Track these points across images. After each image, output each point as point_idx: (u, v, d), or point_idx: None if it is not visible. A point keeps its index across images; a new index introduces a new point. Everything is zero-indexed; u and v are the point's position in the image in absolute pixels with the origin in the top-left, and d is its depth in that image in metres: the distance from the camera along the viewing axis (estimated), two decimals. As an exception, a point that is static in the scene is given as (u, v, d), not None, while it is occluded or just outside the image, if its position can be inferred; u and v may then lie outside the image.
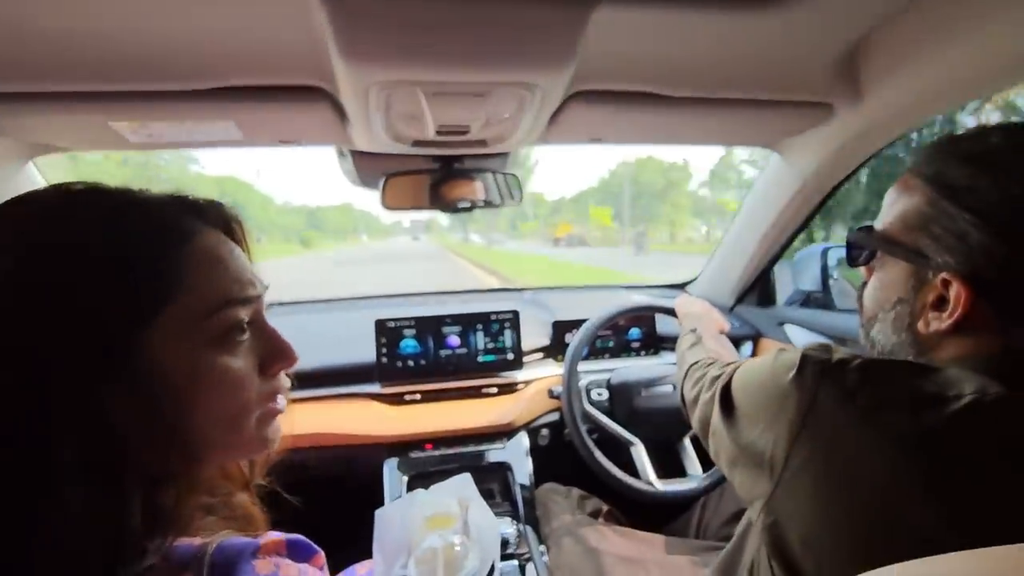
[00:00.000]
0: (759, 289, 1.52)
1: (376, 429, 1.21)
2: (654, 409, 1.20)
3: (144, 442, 0.37)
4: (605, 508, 1.16)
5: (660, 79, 0.82)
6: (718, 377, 0.68)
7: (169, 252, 0.40)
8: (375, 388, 1.31)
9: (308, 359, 1.33)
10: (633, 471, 1.14)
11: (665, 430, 1.18)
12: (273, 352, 0.47)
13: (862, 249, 0.61)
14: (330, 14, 0.55)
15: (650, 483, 1.12)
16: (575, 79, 0.74)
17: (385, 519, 0.90)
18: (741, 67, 0.80)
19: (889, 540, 0.43)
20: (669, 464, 1.19)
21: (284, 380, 0.49)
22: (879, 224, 0.58)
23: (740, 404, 0.59)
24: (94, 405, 0.35)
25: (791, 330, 1.36)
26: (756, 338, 1.46)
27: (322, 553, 0.44)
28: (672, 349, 1.16)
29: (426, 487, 0.98)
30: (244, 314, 0.43)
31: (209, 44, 0.65)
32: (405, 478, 1.16)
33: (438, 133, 0.86)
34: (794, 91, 0.87)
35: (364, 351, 1.32)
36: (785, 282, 1.49)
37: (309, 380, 1.32)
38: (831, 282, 1.20)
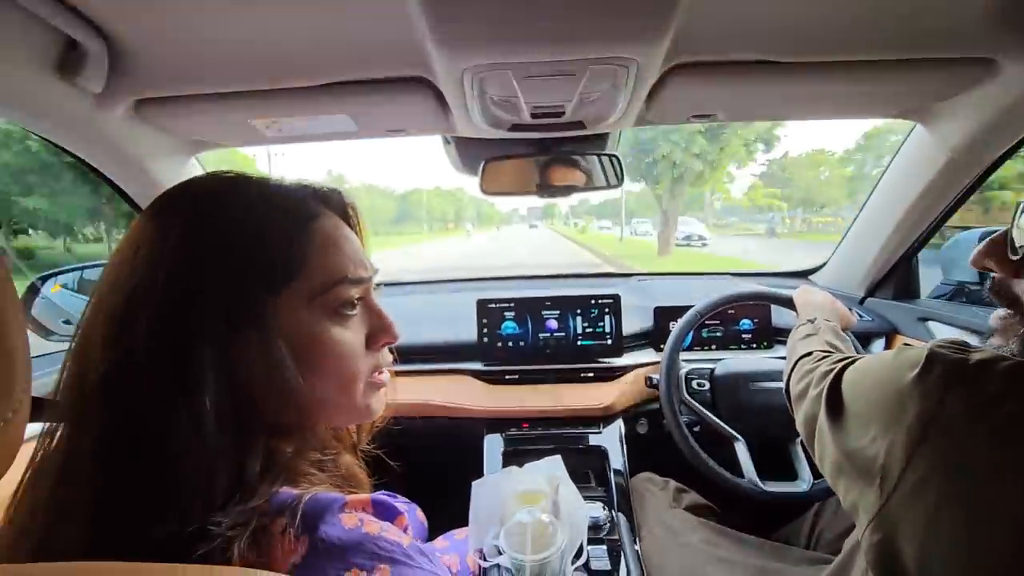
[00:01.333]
0: (897, 280, 1.33)
1: (476, 404, 1.27)
2: (762, 405, 1.11)
3: (269, 395, 0.43)
4: (703, 504, 1.11)
5: (774, 44, 0.74)
6: (829, 372, 0.61)
7: (298, 233, 0.46)
8: (476, 366, 1.37)
9: (416, 335, 1.45)
10: (735, 469, 1.07)
11: (774, 429, 1.09)
12: (379, 328, 0.51)
13: None
14: (423, 4, 0.57)
15: (754, 483, 1.05)
16: (673, 51, 0.70)
17: (480, 490, 0.95)
18: (876, 22, 0.69)
19: None
20: (776, 465, 1.10)
21: (387, 355, 0.54)
22: None
23: (850, 404, 0.53)
24: (232, 355, 0.41)
25: (936, 328, 1.18)
26: (890, 335, 1.29)
27: (405, 515, 0.47)
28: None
29: (521, 464, 1.01)
30: (356, 292, 0.48)
31: (323, 44, 0.71)
32: (501, 453, 1.20)
33: (533, 116, 0.87)
34: (944, 47, 0.74)
35: (469, 330, 1.38)
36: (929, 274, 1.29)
37: (417, 355, 1.41)
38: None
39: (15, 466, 0.40)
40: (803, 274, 1.66)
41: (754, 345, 1.41)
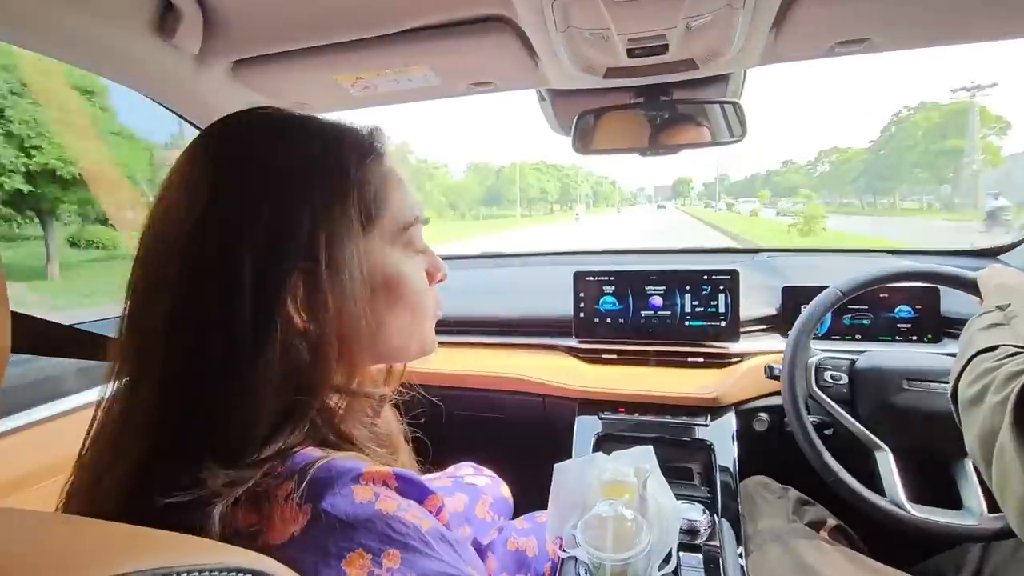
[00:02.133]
0: None
1: (569, 382, 1.18)
2: (919, 411, 0.88)
3: (343, 336, 0.42)
4: (832, 522, 0.92)
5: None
6: (1019, 374, 0.44)
7: (377, 172, 0.46)
8: (571, 342, 1.28)
9: (511, 307, 1.40)
10: (875, 484, 0.87)
11: (934, 441, 0.86)
12: (434, 265, 0.53)
13: None
14: None
15: (899, 504, 0.84)
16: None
17: (563, 474, 0.88)
18: None
19: None
20: (933, 486, 0.88)
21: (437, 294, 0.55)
22: None
23: None
24: (310, 297, 0.41)
25: None
26: None
27: (438, 495, 0.42)
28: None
29: (612, 451, 0.92)
30: (422, 232, 0.51)
31: None
32: (593, 437, 1.11)
33: (630, 54, 0.74)
34: None
35: (565, 305, 1.30)
36: None
37: (510, 327, 1.36)
38: None
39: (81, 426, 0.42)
40: (989, 253, 1.31)
41: (914, 337, 1.15)
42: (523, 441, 1.27)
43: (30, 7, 0.59)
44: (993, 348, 0.57)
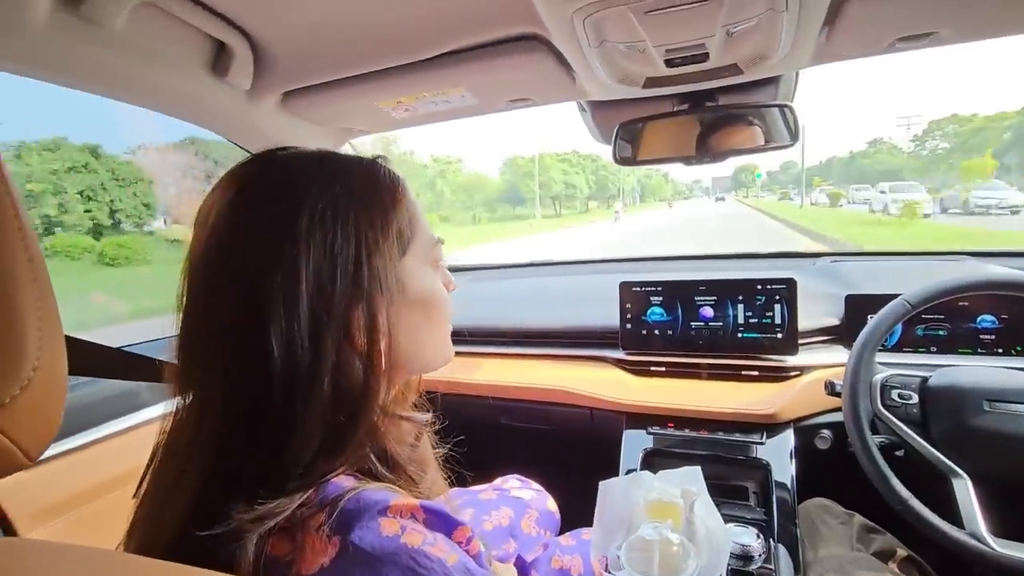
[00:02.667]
0: None
1: (617, 396, 1.16)
2: (1005, 435, 0.80)
3: (390, 357, 0.46)
4: (901, 553, 0.85)
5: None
6: None
7: (406, 199, 0.50)
8: (619, 354, 1.26)
9: (555, 317, 1.39)
10: (950, 515, 0.79)
11: (1022, 468, 0.78)
12: (446, 277, 0.56)
13: None
14: None
15: (979, 537, 0.76)
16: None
17: (608, 492, 0.86)
18: None
19: None
20: (1018, 518, 0.79)
21: None
22: None
23: None
24: (360, 320, 0.43)
25: None
26: None
27: (468, 526, 0.42)
28: None
29: (661, 468, 0.89)
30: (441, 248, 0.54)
31: (429, 13, 0.69)
32: (641, 453, 1.08)
33: (669, 64, 0.72)
34: None
35: (612, 316, 1.28)
36: None
37: (556, 338, 1.35)
38: None
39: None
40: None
41: (999, 350, 1.04)
42: (571, 454, 1.26)
43: (97, 56, 0.64)
44: None
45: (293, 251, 0.41)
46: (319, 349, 0.41)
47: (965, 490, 0.80)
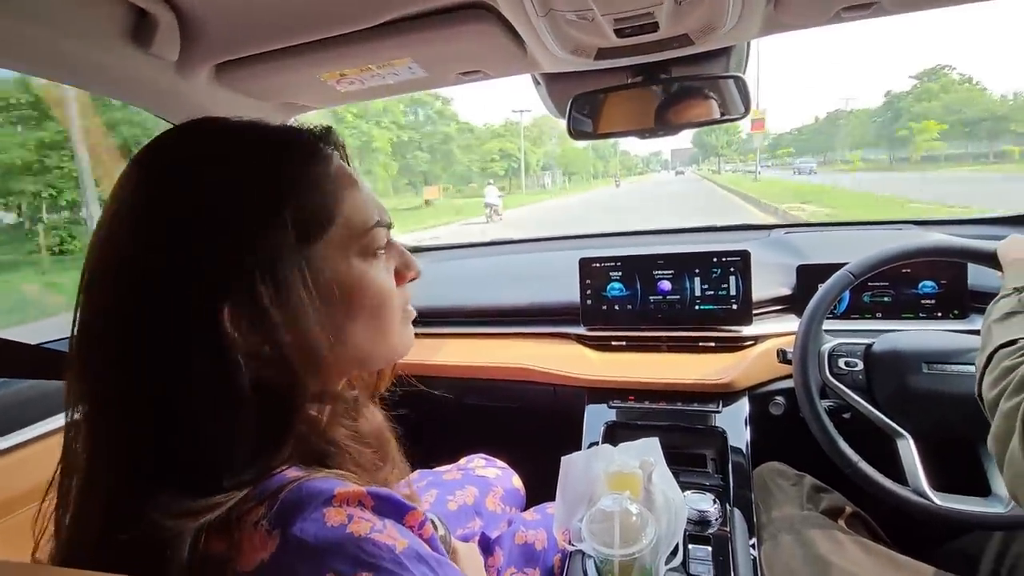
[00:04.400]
0: None
1: (578, 371, 1.17)
2: (942, 394, 0.84)
3: (295, 355, 0.40)
4: (848, 509, 0.89)
5: None
6: None
7: (325, 177, 0.44)
8: (580, 330, 1.27)
9: (516, 296, 1.39)
10: (895, 473, 0.84)
11: (958, 426, 0.82)
12: (404, 264, 0.51)
13: None
14: None
15: (922, 493, 0.81)
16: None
17: (570, 466, 0.87)
18: None
19: None
20: (958, 472, 0.84)
21: (409, 291, 0.53)
22: None
23: None
24: (252, 314, 0.39)
25: None
26: None
27: (417, 510, 0.41)
28: None
29: (623, 440, 0.91)
30: (385, 235, 0.48)
31: None
32: (603, 426, 1.10)
33: (619, 34, 0.71)
34: None
35: (573, 292, 1.28)
36: None
37: (517, 316, 1.35)
38: None
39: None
40: (1021, 220, 1.24)
41: (939, 314, 1.09)
42: (535, 431, 1.27)
43: (3, 26, 0.58)
44: (1013, 342, 0.53)
45: (169, 235, 0.38)
46: (202, 346, 0.37)
47: (908, 449, 0.85)
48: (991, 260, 0.80)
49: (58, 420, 0.88)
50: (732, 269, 1.14)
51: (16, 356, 0.59)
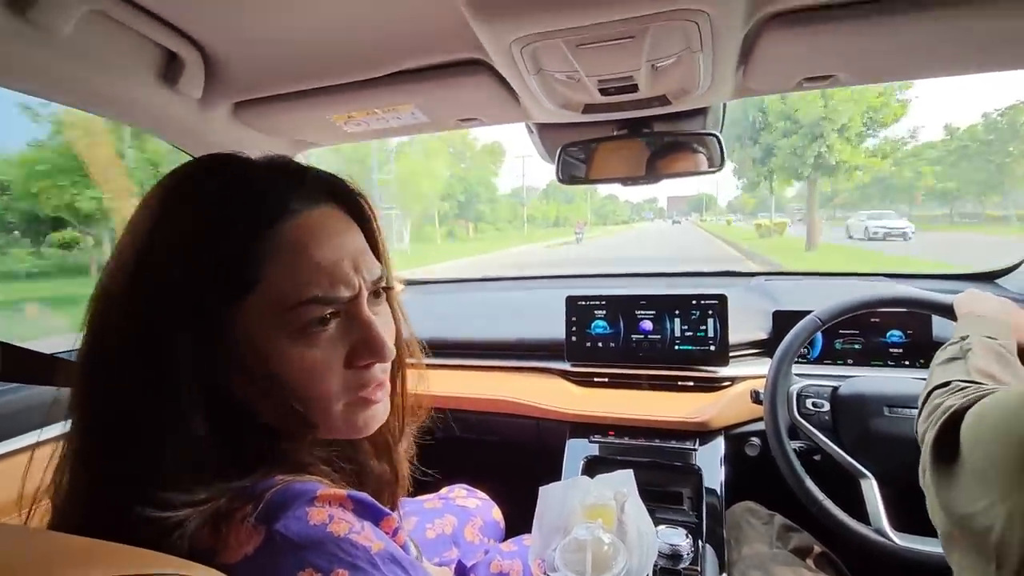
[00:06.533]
0: None
1: (561, 406, 1.20)
2: (902, 437, 0.88)
3: (249, 397, 0.43)
4: (816, 549, 0.91)
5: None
6: (948, 411, 0.45)
7: (252, 240, 0.41)
8: (564, 365, 1.30)
9: (505, 331, 1.42)
10: (861, 513, 0.87)
11: (917, 468, 0.86)
12: (363, 344, 0.45)
13: None
14: None
15: (883, 533, 0.83)
16: (754, -4, 0.58)
17: (547, 497, 0.89)
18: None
19: None
20: (919, 513, 0.87)
21: (378, 372, 0.48)
22: None
23: (967, 456, 0.39)
24: (201, 354, 0.40)
25: None
26: None
27: (394, 516, 0.44)
28: None
29: (599, 473, 0.93)
30: (327, 310, 0.43)
31: (380, 34, 0.72)
32: (582, 461, 1.12)
33: (603, 92, 0.78)
34: None
35: (559, 329, 1.32)
36: None
37: (505, 350, 1.39)
38: None
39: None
40: (988, 277, 1.31)
41: (906, 362, 1.14)
42: (517, 463, 1.28)
43: (45, 61, 0.65)
44: (947, 383, 0.58)
45: (140, 260, 0.41)
46: (159, 371, 0.39)
47: (871, 490, 0.88)
48: (948, 311, 0.86)
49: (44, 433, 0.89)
50: (710, 312, 1.19)
51: (35, 363, 0.63)
